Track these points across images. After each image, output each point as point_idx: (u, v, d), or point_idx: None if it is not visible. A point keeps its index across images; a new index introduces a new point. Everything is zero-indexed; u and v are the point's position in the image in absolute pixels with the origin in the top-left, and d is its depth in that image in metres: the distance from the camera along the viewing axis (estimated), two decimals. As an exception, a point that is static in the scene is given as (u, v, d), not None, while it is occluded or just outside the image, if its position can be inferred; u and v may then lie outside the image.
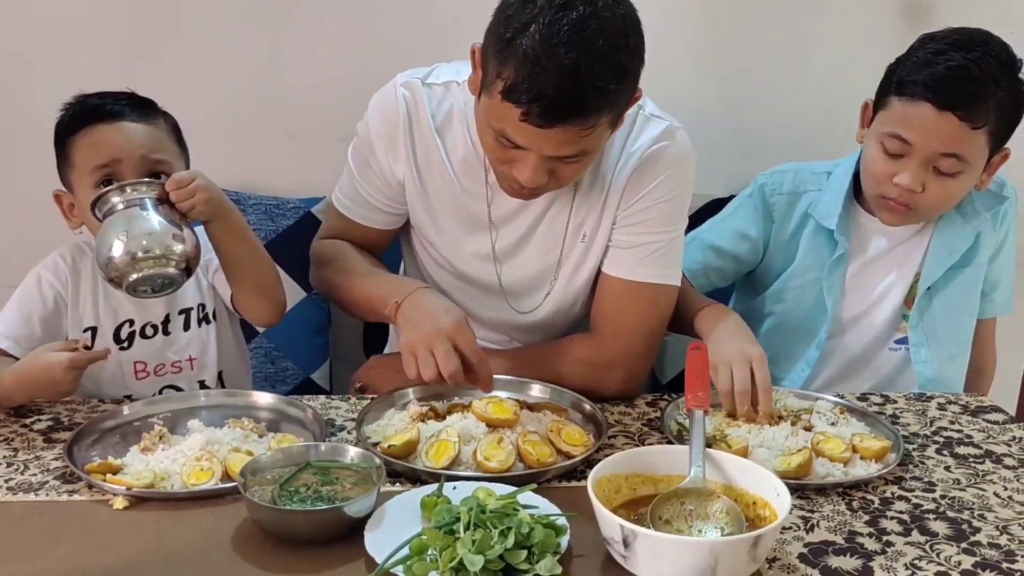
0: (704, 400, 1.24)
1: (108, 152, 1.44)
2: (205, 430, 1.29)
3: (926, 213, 1.61)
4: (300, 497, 1.11)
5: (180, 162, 1.52)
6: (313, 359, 2.04)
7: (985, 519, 1.19)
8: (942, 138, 1.50)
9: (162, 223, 1.34)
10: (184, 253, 1.35)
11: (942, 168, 1.53)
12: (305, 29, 2.03)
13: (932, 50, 1.51)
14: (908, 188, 1.53)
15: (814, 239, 1.69)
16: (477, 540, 0.99)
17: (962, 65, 1.47)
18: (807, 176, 1.73)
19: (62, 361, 1.34)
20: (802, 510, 1.19)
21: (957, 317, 1.71)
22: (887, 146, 1.55)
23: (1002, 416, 1.51)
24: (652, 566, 1.01)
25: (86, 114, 1.47)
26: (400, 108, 1.50)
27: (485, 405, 1.31)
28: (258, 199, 2.02)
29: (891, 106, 1.54)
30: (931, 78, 1.48)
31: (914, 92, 1.50)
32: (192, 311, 1.57)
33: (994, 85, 1.48)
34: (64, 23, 2.00)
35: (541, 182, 1.35)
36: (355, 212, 1.59)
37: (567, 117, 1.24)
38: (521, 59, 1.23)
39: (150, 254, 1.33)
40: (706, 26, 2.10)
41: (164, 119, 1.52)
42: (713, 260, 1.74)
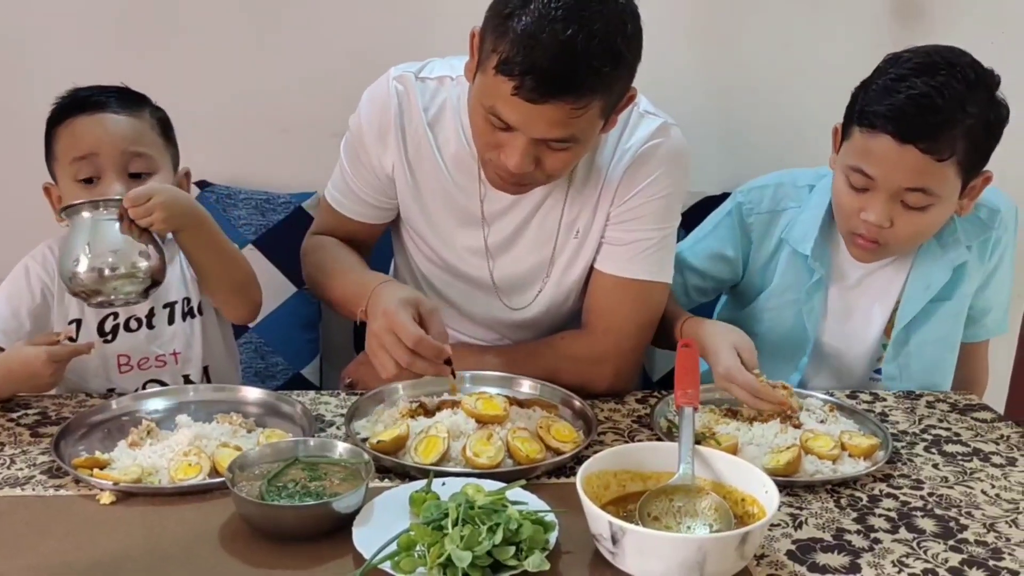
0: (694, 397, 1.24)
1: (86, 144, 1.43)
2: (193, 425, 1.29)
3: (897, 248, 1.52)
4: (288, 492, 1.11)
5: (165, 157, 1.50)
6: (303, 355, 2.03)
7: (972, 516, 1.19)
8: (905, 172, 1.40)
9: (127, 239, 1.34)
10: (149, 269, 1.35)
11: (909, 202, 1.43)
12: (297, 23, 2.02)
13: (894, 76, 1.40)
14: (875, 224, 1.44)
15: (791, 261, 1.62)
16: (465, 536, 0.99)
17: (924, 93, 1.36)
18: (788, 191, 1.65)
19: (41, 354, 1.34)
20: (790, 507, 1.19)
21: (935, 351, 1.63)
22: (851, 180, 1.46)
23: (990, 414, 1.52)
24: (640, 563, 1.01)
25: (70, 106, 1.46)
26: (392, 101, 1.49)
27: (475, 401, 1.31)
28: (249, 194, 2.01)
29: (853, 137, 1.45)
30: (891, 108, 1.38)
31: (874, 123, 1.40)
32: (177, 305, 1.55)
33: (961, 112, 1.36)
34: (57, 17, 1.99)
35: (527, 168, 1.34)
36: (346, 207, 1.59)
37: (559, 93, 1.24)
38: (518, 33, 1.23)
39: (116, 272, 1.33)
40: (700, 24, 2.10)
41: (151, 112, 1.51)
42: (692, 279, 1.69)
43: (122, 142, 1.44)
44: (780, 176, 1.68)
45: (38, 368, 1.34)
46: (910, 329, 1.61)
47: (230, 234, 1.94)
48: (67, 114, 1.46)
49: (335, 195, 1.60)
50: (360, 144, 1.53)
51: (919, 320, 1.60)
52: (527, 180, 1.39)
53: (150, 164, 1.46)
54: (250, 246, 1.98)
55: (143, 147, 1.46)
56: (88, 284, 1.33)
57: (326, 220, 1.64)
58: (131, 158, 1.45)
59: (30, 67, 2.00)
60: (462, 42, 1.38)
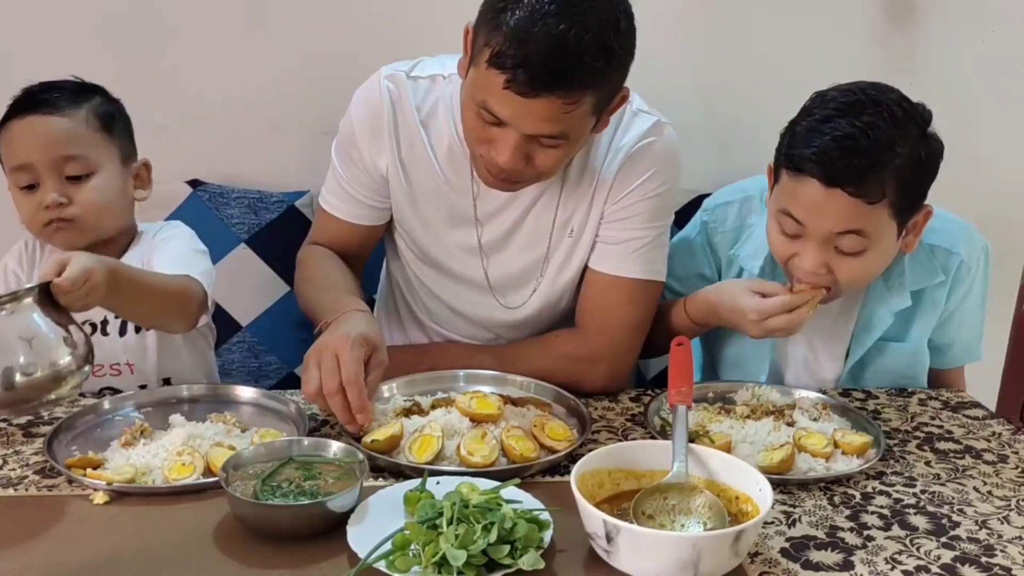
0: (687, 395, 1.24)
1: (21, 152, 1.40)
2: (187, 424, 1.29)
3: (843, 290, 1.44)
4: (282, 492, 1.11)
5: (106, 154, 1.44)
6: (296, 353, 2.01)
7: (965, 514, 1.20)
8: (834, 217, 1.34)
9: (49, 335, 1.13)
10: (77, 357, 1.17)
11: (843, 248, 1.37)
12: (288, 21, 2.02)
13: (819, 117, 1.34)
14: (811, 272, 1.39)
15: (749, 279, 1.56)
16: (460, 535, 0.99)
17: (848, 134, 1.30)
18: (753, 205, 1.59)
19: None
20: (784, 505, 1.20)
21: (892, 382, 1.59)
22: (782, 224, 1.40)
23: (982, 412, 1.52)
24: (635, 561, 1.01)
25: (11, 108, 1.43)
26: (384, 100, 1.49)
27: (469, 400, 1.31)
28: (241, 193, 2.01)
29: (782, 180, 1.39)
30: (816, 152, 1.32)
31: (801, 166, 1.34)
32: (118, 322, 1.50)
33: (889, 153, 1.31)
34: (47, 17, 1.97)
35: (518, 165, 1.34)
36: (341, 209, 1.57)
37: (551, 87, 1.24)
38: (511, 27, 1.23)
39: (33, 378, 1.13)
40: (693, 21, 2.10)
41: (92, 108, 1.44)
42: (675, 296, 1.64)
43: (53, 147, 1.39)
44: (746, 186, 1.63)
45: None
46: (864, 363, 1.58)
47: (223, 233, 1.96)
48: (7, 118, 1.42)
49: (330, 199, 1.59)
50: (352, 144, 1.53)
51: (871, 355, 1.57)
52: (518, 177, 1.39)
53: (86, 165, 1.42)
54: (243, 245, 1.98)
55: (76, 148, 1.41)
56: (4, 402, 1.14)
57: (323, 227, 1.62)
58: (65, 162, 1.40)
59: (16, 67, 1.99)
60: (454, 40, 1.38)
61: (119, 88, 1.96)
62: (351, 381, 1.23)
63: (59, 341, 1.14)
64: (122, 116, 1.51)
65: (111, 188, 1.46)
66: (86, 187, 1.43)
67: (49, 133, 1.40)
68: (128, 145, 1.51)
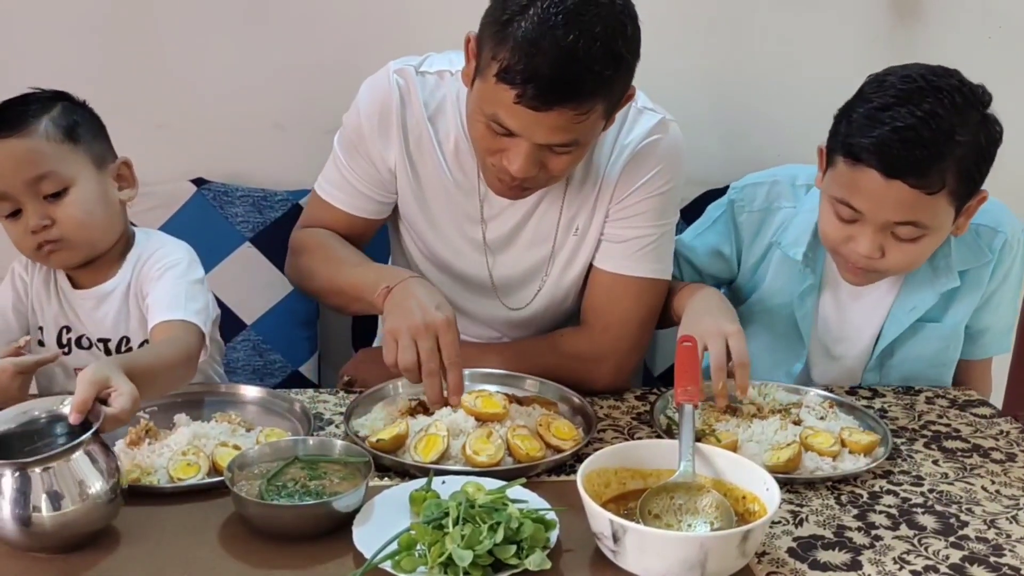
0: (694, 394, 1.24)
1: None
2: (192, 424, 1.28)
3: (892, 273, 1.47)
4: (288, 492, 1.11)
5: (77, 163, 1.38)
6: (301, 352, 2.03)
7: (973, 513, 1.19)
8: (894, 207, 1.33)
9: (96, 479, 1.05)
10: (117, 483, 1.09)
11: (900, 235, 1.37)
12: (291, 19, 2.01)
13: (878, 104, 1.32)
14: (865, 255, 1.39)
15: (783, 264, 1.58)
16: (466, 535, 0.98)
17: (909, 125, 1.28)
18: (783, 189, 1.59)
19: (7, 367, 1.27)
20: (791, 504, 1.19)
21: (917, 368, 1.59)
22: (838, 211, 1.40)
23: (989, 410, 1.52)
24: (641, 561, 1.01)
25: None
26: (393, 95, 1.48)
27: (474, 399, 1.31)
28: (246, 191, 2.01)
29: (838, 167, 1.38)
30: (875, 142, 1.30)
31: (859, 156, 1.32)
32: (111, 342, 1.47)
33: (950, 143, 1.29)
34: (46, 15, 1.97)
35: (531, 173, 1.33)
36: (341, 200, 1.56)
37: (562, 100, 1.24)
38: (518, 40, 1.22)
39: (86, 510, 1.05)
40: (698, 18, 2.09)
41: (49, 119, 1.36)
42: (690, 274, 1.67)
43: (20, 169, 1.33)
44: (777, 173, 1.64)
45: (5, 381, 1.27)
46: (895, 345, 1.58)
47: (227, 232, 1.96)
48: None
49: (329, 189, 1.57)
50: (360, 137, 1.51)
51: (905, 337, 1.57)
52: (530, 184, 1.38)
53: (59, 180, 1.36)
54: (247, 244, 1.98)
55: (44, 166, 1.34)
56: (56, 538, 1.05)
57: (318, 215, 1.60)
58: (38, 181, 1.35)
59: (15, 67, 1.99)
60: (458, 39, 1.37)
61: (121, 87, 1.98)
62: (454, 363, 1.28)
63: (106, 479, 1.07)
64: (88, 120, 1.43)
65: (91, 198, 1.40)
66: (65, 203, 1.37)
67: (12, 156, 1.34)
68: (100, 148, 1.44)
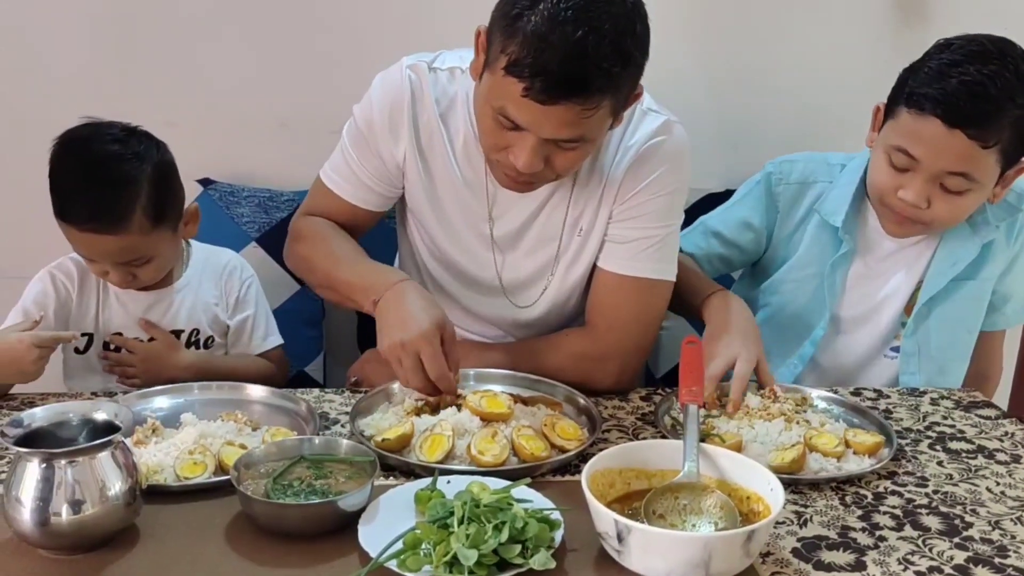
0: (698, 395, 1.24)
1: (83, 251, 1.49)
2: (198, 423, 1.29)
3: (934, 227, 1.57)
4: (294, 491, 1.11)
5: (160, 240, 1.50)
6: (307, 352, 2.03)
7: (977, 514, 1.19)
8: (950, 156, 1.43)
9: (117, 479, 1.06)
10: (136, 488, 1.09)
11: (949, 186, 1.47)
12: (299, 18, 2.02)
13: (946, 61, 1.43)
14: (912, 204, 1.49)
15: (818, 234, 1.65)
16: (471, 534, 0.99)
17: (977, 80, 1.39)
18: (819, 166, 1.68)
19: (24, 338, 1.34)
20: (795, 505, 1.20)
21: (954, 330, 1.66)
22: (893, 159, 1.49)
23: (994, 411, 1.52)
24: (646, 561, 1.01)
25: (58, 199, 1.45)
26: (405, 89, 1.48)
27: (479, 399, 1.31)
28: (252, 191, 2.01)
29: (900, 117, 1.48)
30: (942, 93, 1.41)
31: (924, 106, 1.43)
32: (183, 334, 1.60)
33: (1009, 103, 1.40)
34: (53, 12, 1.98)
35: (537, 168, 1.34)
36: (345, 190, 1.56)
37: (569, 94, 1.24)
38: (528, 34, 1.22)
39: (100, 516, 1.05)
40: (701, 18, 2.09)
41: (141, 209, 1.45)
42: (715, 247, 1.71)
43: (115, 256, 1.47)
44: (812, 154, 1.72)
45: (21, 352, 1.33)
46: (932, 305, 1.63)
47: (234, 232, 1.97)
48: (57, 211, 1.45)
49: (334, 178, 1.57)
50: (370, 130, 1.51)
51: (941, 297, 1.63)
52: (536, 179, 1.39)
53: (146, 258, 1.50)
54: (254, 244, 1.98)
55: (135, 253, 1.48)
56: None
57: (320, 202, 1.60)
58: (126, 263, 1.48)
59: (26, 66, 2.00)
60: (464, 35, 1.38)
61: (128, 87, 1.98)
62: (441, 376, 1.30)
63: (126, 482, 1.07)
64: (167, 185, 1.52)
65: (168, 256, 1.56)
66: (146, 267, 1.52)
67: (109, 248, 1.46)
68: (178, 211, 1.55)
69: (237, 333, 1.66)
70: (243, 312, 1.67)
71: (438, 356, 1.30)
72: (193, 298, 1.62)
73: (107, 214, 1.43)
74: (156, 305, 1.59)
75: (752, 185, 1.73)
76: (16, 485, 1.02)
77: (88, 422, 1.11)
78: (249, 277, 1.70)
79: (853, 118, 1.77)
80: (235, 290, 1.67)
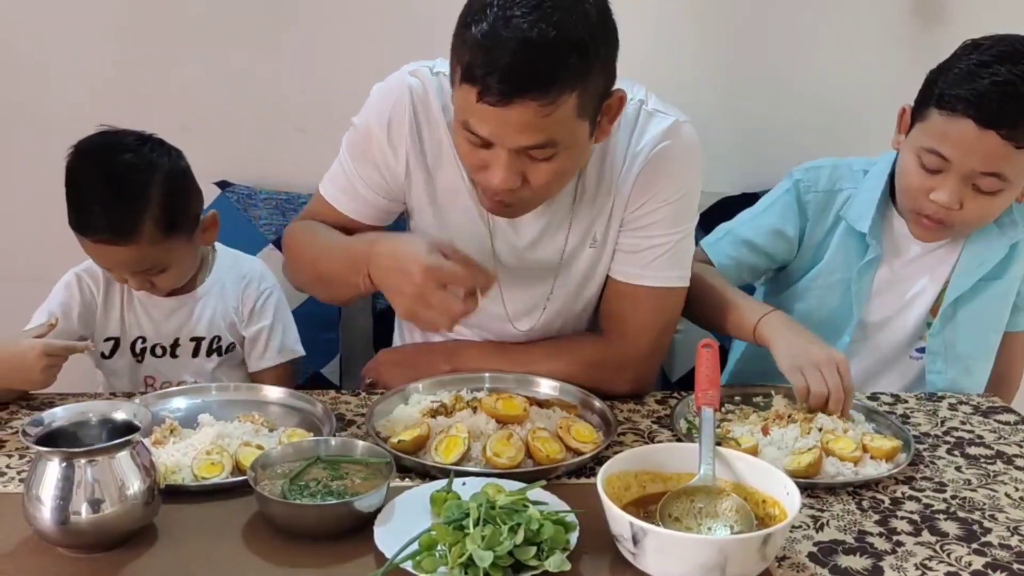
0: (714, 398, 1.24)
1: (101, 262, 1.51)
2: (216, 424, 1.30)
3: (962, 229, 1.57)
4: (310, 491, 1.12)
5: (174, 249, 1.52)
6: (323, 354, 2.04)
7: (996, 520, 1.18)
8: (983, 156, 1.44)
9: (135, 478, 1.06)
10: (154, 488, 1.09)
11: (981, 186, 1.47)
12: (314, 22, 2.03)
13: (976, 62, 1.44)
14: (945, 206, 1.48)
15: (845, 240, 1.65)
16: (487, 536, 0.99)
17: (1008, 80, 1.40)
18: (844, 173, 1.68)
19: (36, 346, 1.33)
20: (812, 509, 1.19)
21: (980, 330, 1.66)
22: (924, 161, 1.49)
23: (1013, 417, 1.51)
24: (661, 564, 1.01)
25: (71, 209, 1.47)
26: (405, 98, 1.44)
27: (494, 401, 1.31)
28: (269, 194, 2.03)
29: (930, 119, 1.48)
30: (974, 93, 1.41)
31: (955, 107, 1.43)
32: (204, 341, 1.62)
33: None
34: (71, 17, 2.00)
35: (513, 184, 1.28)
36: (342, 202, 1.52)
37: (522, 89, 1.19)
38: (478, 39, 1.20)
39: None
40: (714, 19, 2.08)
41: (151, 220, 1.45)
42: (747, 256, 1.70)
43: (129, 265, 1.49)
44: (835, 160, 1.72)
45: (31, 360, 1.32)
46: (958, 305, 1.63)
47: (251, 234, 1.98)
48: (71, 221, 1.47)
49: (333, 192, 1.53)
50: (368, 142, 1.47)
51: (967, 297, 1.63)
52: (513, 199, 1.34)
53: (162, 266, 1.51)
54: (270, 246, 1.99)
55: (148, 263, 1.50)
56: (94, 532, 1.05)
57: (319, 212, 1.56)
58: (141, 272, 1.50)
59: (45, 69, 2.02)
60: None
61: (145, 90, 2.00)
62: (470, 274, 1.24)
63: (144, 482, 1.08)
64: (180, 194, 1.52)
65: (185, 264, 1.57)
66: (165, 275, 1.53)
67: (122, 260, 1.48)
68: (194, 219, 1.56)
69: (252, 343, 1.67)
70: (257, 324, 1.67)
71: (454, 270, 1.24)
72: (215, 305, 1.63)
73: (118, 225, 1.45)
74: (178, 311, 1.61)
75: (780, 193, 1.71)
76: (36, 484, 1.03)
77: (107, 422, 1.12)
78: (268, 288, 1.69)
79: (870, 122, 1.77)
80: (251, 300, 1.67)
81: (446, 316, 1.24)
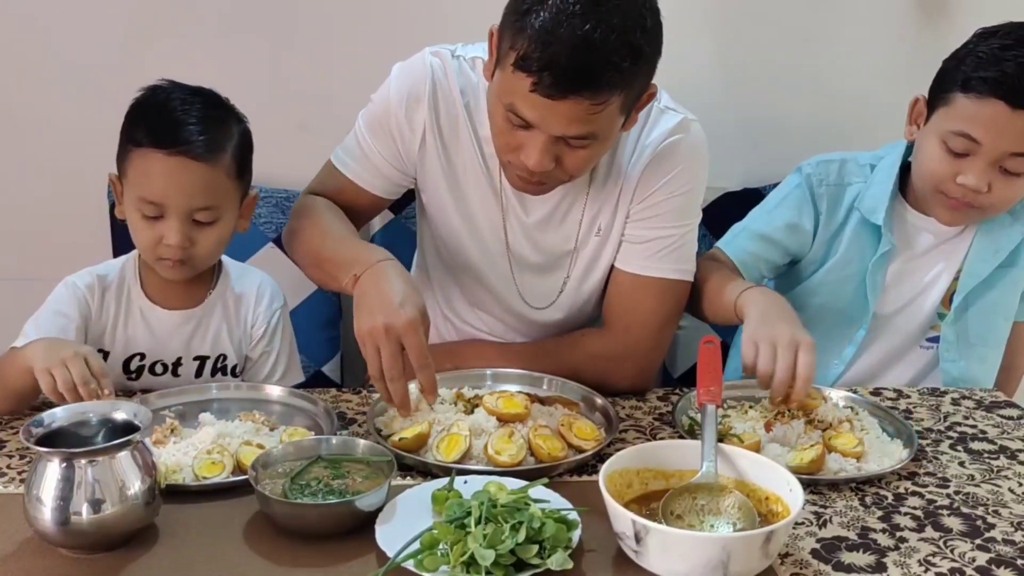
0: (716, 395, 1.23)
1: (157, 191, 1.37)
2: (216, 423, 1.29)
3: (988, 212, 1.57)
4: (311, 490, 1.11)
5: (233, 200, 1.43)
6: (324, 352, 2.04)
7: (1000, 515, 1.18)
8: (1014, 137, 1.45)
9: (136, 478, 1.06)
10: (155, 488, 1.09)
11: (1009, 168, 1.48)
12: (316, 21, 2.02)
13: (998, 46, 1.46)
14: (974, 188, 1.49)
15: (858, 233, 1.65)
16: (488, 534, 0.99)
17: None
18: (852, 167, 1.68)
19: (82, 349, 1.26)
20: (815, 505, 1.19)
21: (992, 318, 1.67)
22: (951, 144, 1.50)
23: (1016, 411, 1.50)
24: (664, 561, 1.01)
25: (150, 128, 1.37)
26: (426, 78, 1.47)
27: (496, 399, 1.31)
28: (269, 192, 2.02)
29: (955, 103, 1.49)
30: (1002, 75, 1.43)
31: (983, 89, 1.45)
32: (209, 360, 1.53)
33: None
34: (71, 17, 2.00)
35: (548, 167, 1.33)
36: (356, 172, 1.54)
37: (578, 88, 1.23)
38: (536, 29, 1.22)
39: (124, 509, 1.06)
40: (720, 16, 2.08)
41: (233, 149, 1.41)
42: (764, 251, 1.68)
43: (193, 197, 1.38)
44: (843, 154, 1.72)
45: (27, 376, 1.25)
46: (972, 294, 1.63)
47: (251, 233, 1.94)
48: (145, 138, 1.36)
49: (345, 159, 1.55)
50: (386, 115, 1.49)
51: (982, 285, 1.63)
52: (547, 179, 1.38)
53: (216, 214, 1.41)
54: (270, 244, 1.99)
55: (213, 199, 1.40)
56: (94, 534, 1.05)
57: (328, 183, 1.57)
58: (198, 210, 1.39)
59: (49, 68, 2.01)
60: (483, 37, 1.38)
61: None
62: (422, 365, 1.24)
63: (144, 482, 1.07)
64: (248, 150, 1.47)
65: (228, 230, 1.46)
66: (209, 231, 1.42)
67: (193, 183, 1.37)
68: (248, 180, 1.49)
69: (256, 366, 1.57)
70: (266, 347, 1.56)
71: (424, 346, 1.24)
72: (221, 321, 1.53)
73: (209, 140, 1.37)
74: (183, 326, 1.51)
75: (791, 187, 1.70)
76: (37, 484, 1.03)
77: (108, 422, 1.11)
78: (279, 308, 1.59)
79: (873, 116, 1.76)
80: (262, 321, 1.55)
81: (387, 367, 1.23)
